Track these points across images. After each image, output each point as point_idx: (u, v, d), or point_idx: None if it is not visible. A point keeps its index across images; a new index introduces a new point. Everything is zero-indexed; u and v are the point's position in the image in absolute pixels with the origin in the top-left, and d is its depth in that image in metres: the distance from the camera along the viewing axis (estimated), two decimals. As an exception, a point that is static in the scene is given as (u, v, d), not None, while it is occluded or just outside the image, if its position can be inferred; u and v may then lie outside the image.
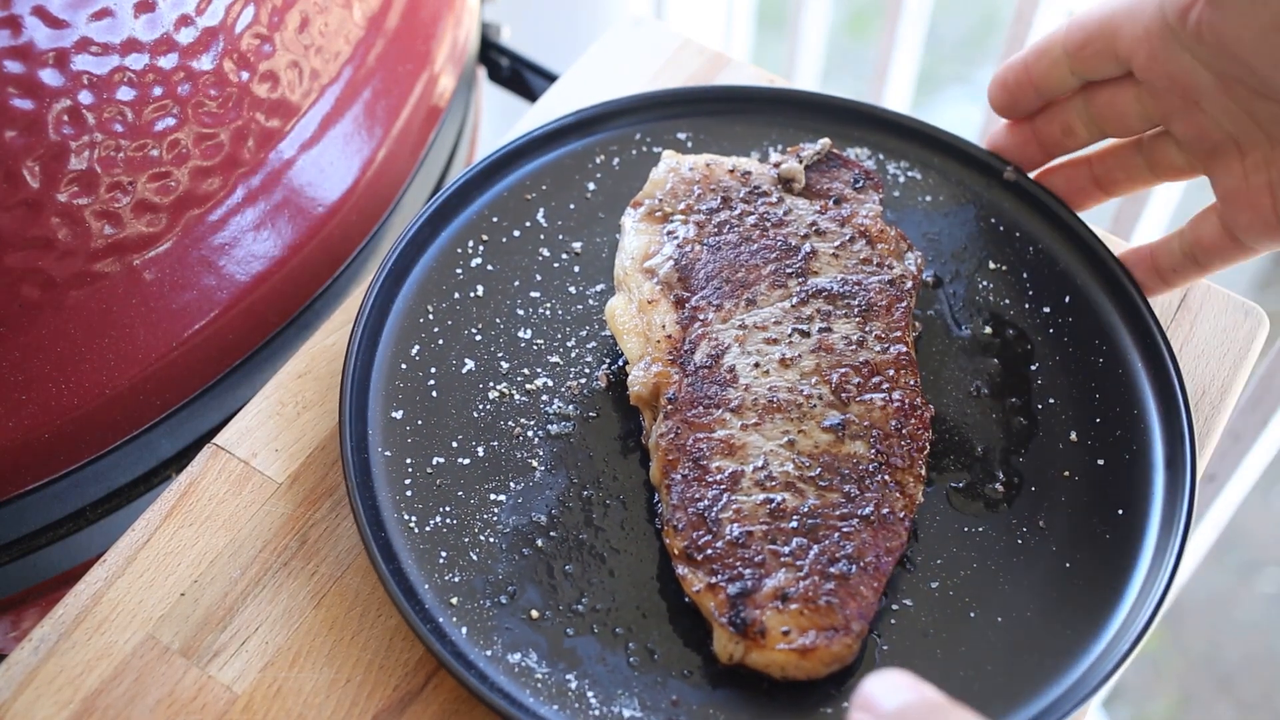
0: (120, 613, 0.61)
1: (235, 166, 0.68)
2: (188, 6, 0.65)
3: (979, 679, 0.58)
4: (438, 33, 0.81)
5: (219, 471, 0.66)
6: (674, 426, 0.62)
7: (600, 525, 0.63)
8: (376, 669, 0.60)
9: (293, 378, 0.69)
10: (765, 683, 0.58)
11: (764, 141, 0.77)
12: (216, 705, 0.58)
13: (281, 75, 0.70)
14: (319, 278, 0.75)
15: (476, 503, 0.63)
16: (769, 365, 0.64)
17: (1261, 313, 0.72)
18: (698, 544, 0.59)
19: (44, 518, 0.68)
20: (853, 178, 0.71)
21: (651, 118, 0.78)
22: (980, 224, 0.74)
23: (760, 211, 0.69)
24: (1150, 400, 0.67)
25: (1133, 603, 0.60)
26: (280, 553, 0.63)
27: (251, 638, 0.60)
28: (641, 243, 0.69)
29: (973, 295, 0.72)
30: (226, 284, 0.69)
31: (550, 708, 0.57)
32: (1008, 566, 0.62)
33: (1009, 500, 0.64)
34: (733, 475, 0.60)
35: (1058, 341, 0.69)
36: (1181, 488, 0.63)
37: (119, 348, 0.65)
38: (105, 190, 0.63)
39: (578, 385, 0.68)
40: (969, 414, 0.67)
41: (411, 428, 0.65)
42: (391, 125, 0.77)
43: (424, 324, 0.69)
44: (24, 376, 0.63)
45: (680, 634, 0.59)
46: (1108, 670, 0.58)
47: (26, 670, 0.59)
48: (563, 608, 0.60)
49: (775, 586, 0.57)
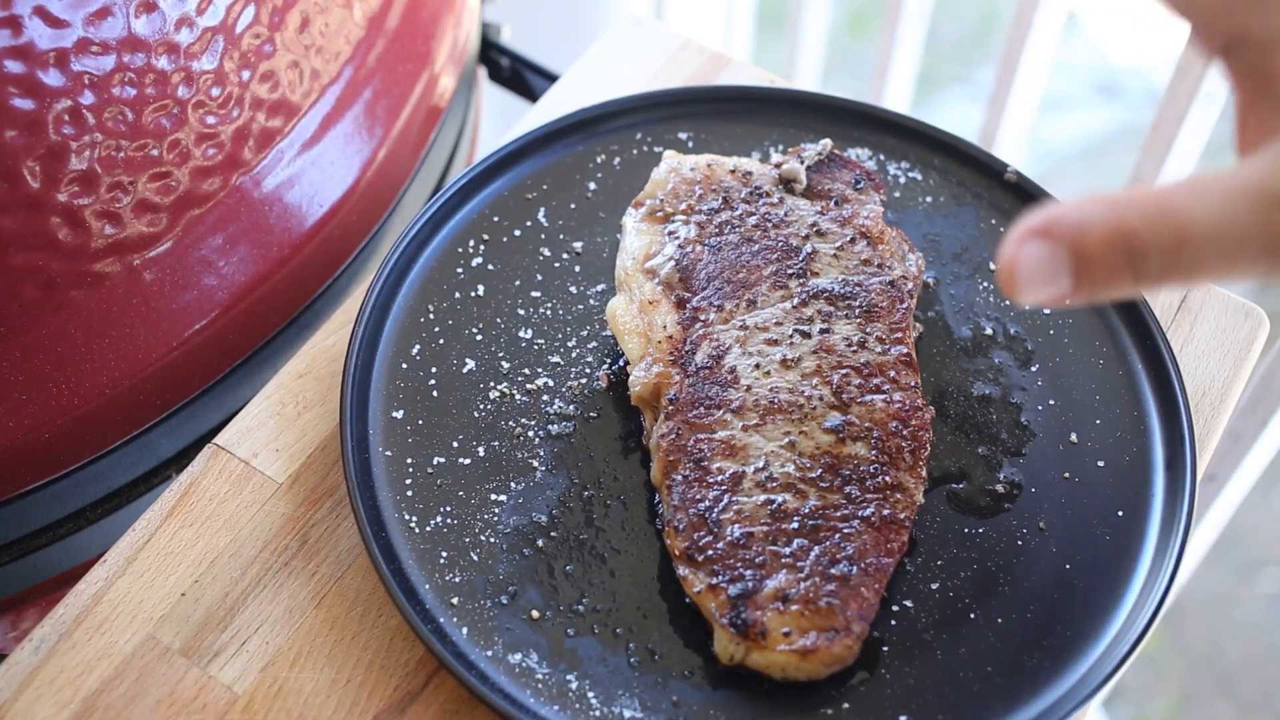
0: (120, 613, 0.61)
1: (235, 166, 0.68)
2: (188, 6, 0.65)
3: (979, 680, 0.58)
4: (438, 33, 0.81)
5: (219, 471, 0.66)
6: (675, 427, 0.62)
7: (601, 526, 0.63)
8: (377, 669, 0.60)
9: (293, 378, 0.69)
10: (766, 684, 0.58)
11: (765, 142, 0.77)
12: (217, 705, 0.58)
13: (282, 75, 0.70)
14: (319, 278, 0.75)
15: (477, 503, 0.63)
16: (770, 366, 0.64)
17: (1261, 313, 0.72)
18: (699, 545, 0.59)
19: (44, 518, 0.68)
20: (853, 178, 0.71)
21: (652, 118, 0.78)
22: (981, 225, 0.74)
23: (761, 212, 0.69)
24: (1150, 401, 0.67)
25: (1133, 603, 0.60)
26: (281, 553, 0.63)
27: (252, 638, 0.60)
28: (643, 243, 0.69)
29: (973, 296, 0.72)
30: (226, 284, 0.69)
31: (551, 708, 0.57)
32: (1008, 567, 0.62)
33: (1009, 501, 0.64)
34: (734, 476, 0.60)
35: (1058, 343, 0.69)
36: (1181, 489, 0.63)
37: (119, 348, 0.65)
38: (106, 190, 0.63)
39: (578, 385, 0.68)
40: (970, 415, 0.67)
41: (412, 427, 0.65)
42: (392, 125, 0.77)
43: (425, 324, 0.69)
44: (24, 376, 0.63)
45: (681, 635, 0.59)
46: (1108, 671, 0.58)
47: (27, 670, 0.59)
48: (563, 608, 0.60)
49: (776, 587, 0.57)
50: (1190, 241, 0.42)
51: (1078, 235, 0.43)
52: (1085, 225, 0.43)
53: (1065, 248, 0.43)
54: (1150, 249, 0.42)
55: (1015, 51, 1.19)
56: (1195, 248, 0.42)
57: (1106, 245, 0.43)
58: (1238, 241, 0.41)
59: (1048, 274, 0.44)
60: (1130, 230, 0.42)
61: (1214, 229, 0.42)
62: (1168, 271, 0.42)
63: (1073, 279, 0.44)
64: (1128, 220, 0.42)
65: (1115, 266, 0.43)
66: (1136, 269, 0.43)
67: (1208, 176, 0.43)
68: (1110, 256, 0.43)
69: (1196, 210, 0.42)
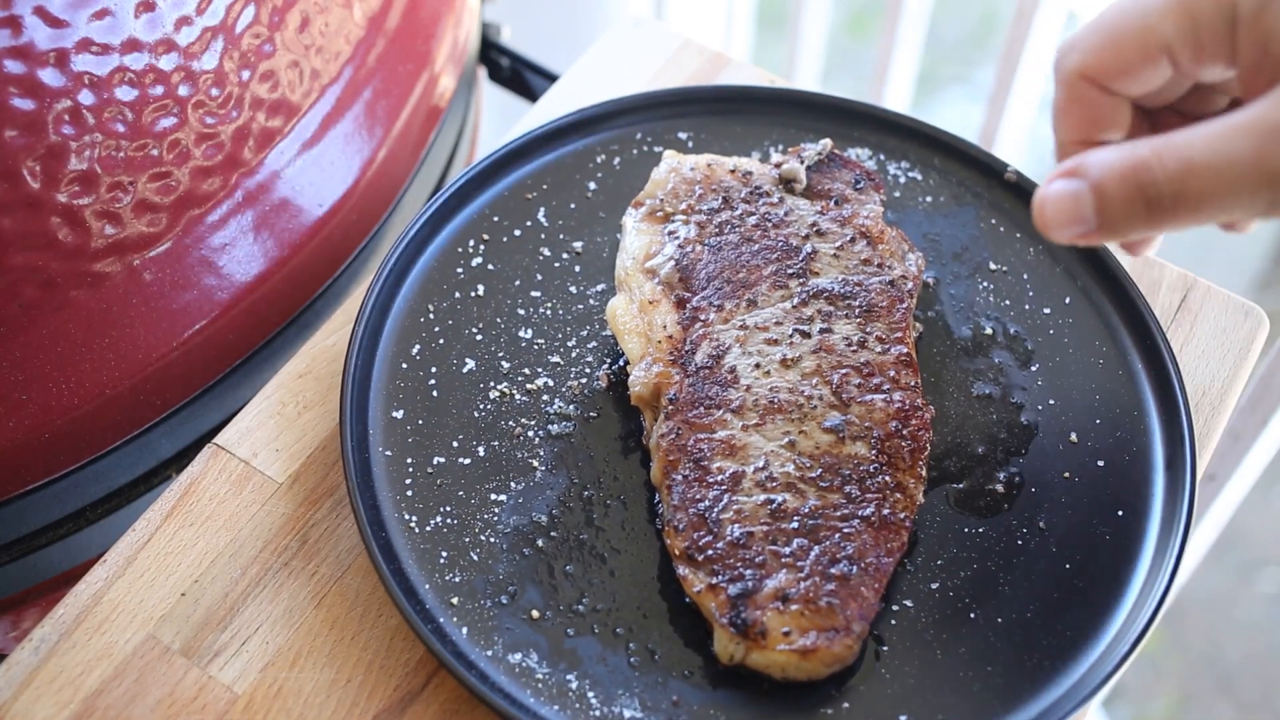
0: (120, 613, 0.61)
1: (235, 166, 0.68)
2: (188, 6, 0.65)
3: (979, 680, 0.58)
4: (438, 33, 0.81)
5: (219, 471, 0.66)
6: (675, 427, 0.62)
7: (601, 525, 0.63)
8: (377, 669, 0.60)
9: (293, 378, 0.69)
10: (766, 683, 0.58)
11: (765, 141, 0.77)
12: (217, 705, 0.58)
13: (282, 75, 0.70)
14: (319, 278, 0.75)
15: (477, 503, 0.63)
16: (770, 366, 0.64)
17: (1261, 313, 0.72)
18: (699, 544, 0.59)
19: (44, 518, 0.68)
20: (853, 178, 0.71)
21: (652, 117, 0.78)
22: (981, 225, 0.74)
23: (761, 212, 0.69)
24: (1150, 401, 0.67)
25: (1133, 603, 0.60)
26: (281, 553, 0.63)
27: (252, 638, 0.60)
28: (643, 243, 0.69)
29: (973, 296, 0.72)
30: (226, 284, 0.69)
31: (551, 708, 0.57)
32: (1008, 567, 0.62)
33: (1009, 501, 0.64)
34: (734, 476, 0.60)
35: (1058, 342, 0.69)
36: (1181, 488, 0.63)
37: (119, 348, 0.65)
38: (106, 190, 0.63)
39: (578, 385, 0.68)
40: (970, 415, 0.67)
41: (412, 427, 0.65)
42: (392, 125, 0.77)
43: (425, 323, 0.69)
44: (24, 376, 0.63)
45: (681, 634, 0.59)
46: (1108, 671, 0.58)
47: (27, 670, 0.59)
48: (563, 608, 0.60)
49: (776, 587, 0.57)
50: (1195, 170, 0.47)
51: (1097, 171, 0.49)
52: (1104, 162, 0.49)
53: (1087, 184, 0.49)
54: (1159, 179, 0.47)
55: (1015, 51, 1.19)
56: (1201, 176, 0.47)
57: (1122, 179, 0.48)
58: (1239, 171, 0.46)
59: (1073, 210, 0.49)
60: (1142, 162, 0.47)
61: (1216, 158, 0.46)
62: (1177, 203, 0.47)
63: (1095, 214, 0.49)
64: (1139, 153, 0.48)
65: (1130, 198, 0.48)
66: (1149, 201, 0.48)
67: (1213, 120, 0.47)
68: (1126, 190, 0.48)
69: (1199, 143, 0.47)
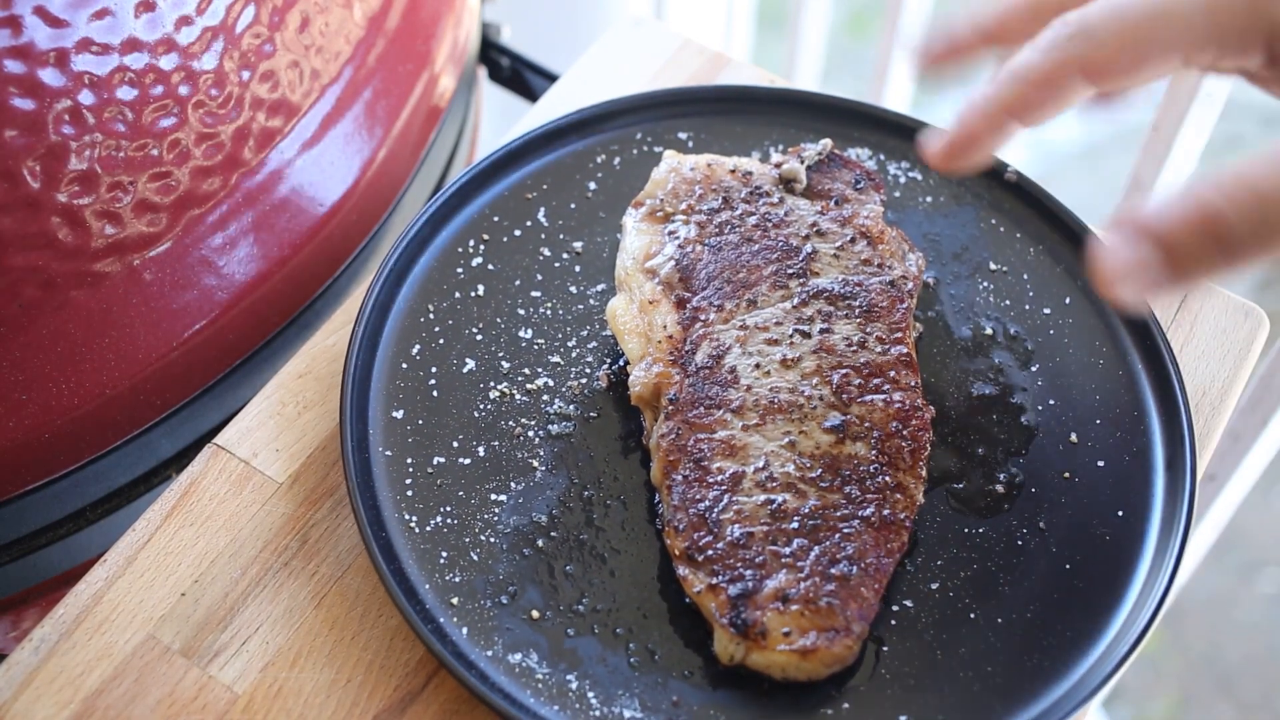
0: (120, 613, 0.61)
1: (235, 166, 0.68)
2: (188, 6, 0.65)
3: (979, 680, 0.58)
4: (438, 33, 0.81)
5: (219, 471, 0.66)
6: (675, 427, 0.62)
7: (601, 525, 0.63)
8: (377, 669, 0.60)
9: (293, 378, 0.69)
10: (766, 684, 0.58)
11: (765, 141, 0.77)
12: (217, 705, 0.58)
13: (282, 75, 0.70)
14: (319, 278, 0.75)
15: (477, 503, 0.63)
16: (770, 366, 0.64)
17: (1261, 313, 0.72)
18: (699, 545, 0.59)
19: (44, 518, 0.68)
20: (854, 178, 0.71)
21: (652, 117, 0.78)
22: (981, 225, 0.74)
23: (761, 212, 0.69)
24: (1150, 401, 0.67)
25: (1133, 603, 0.60)
26: (281, 553, 0.63)
27: (252, 638, 0.60)
28: (643, 243, 0.69)
29: (973, 296, 0.72)
30: (226, 284, 0.69)
31: (551, 708, 0.57)
32: (1008, 568, 0.62)
33: (1009, 501, 0.64)
34: (734, 476, 0.60)
35: (1058, 343, 0.69)
36: (1181, 489, 0.63)
37: (119, 348, 0.65)
38: (105, 190, 0.63)
39: (578, 385, 0.68)
40: (970, 415, 0.67)
41: (412, 427, 0.65)
42: (392, 125, 0.77)
43: (425, 323, 0.69)
44: (24, 376, 0.63)
45: (681, 635, 0.59)
46: (1108, 671, 0.58)
47: (27, 670, 0.59)
48: (563, 608, 0.60)
49: (776, 587, 0.57)
50: (1272, 201, 0.44)
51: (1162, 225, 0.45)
52: (1167, 214, 0.45)
53: (1151, 241, 0.45)
54: (1232, 219, 0.44)
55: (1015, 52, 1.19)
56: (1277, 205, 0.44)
57: (1189, 227, 0.45)
58: None
59: (1139, 269, 0.46)
60: (1210, 205, 0.45)
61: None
62: (1256, 236, 0.45)
63: (1166, 269, 0.46)
64: (1205, 196, 0.45)
65: (1203, 244, 0.45)
66: (1223, 243, 0.45)
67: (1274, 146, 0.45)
68: (1196, 236, 0.45)
69: (1272, 172, 0.44)
